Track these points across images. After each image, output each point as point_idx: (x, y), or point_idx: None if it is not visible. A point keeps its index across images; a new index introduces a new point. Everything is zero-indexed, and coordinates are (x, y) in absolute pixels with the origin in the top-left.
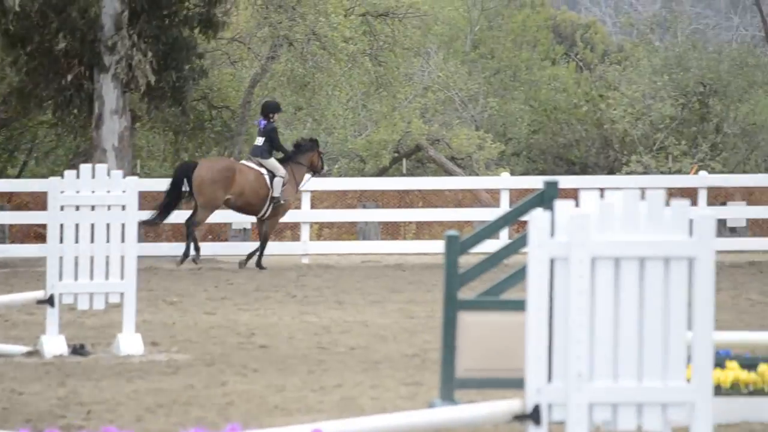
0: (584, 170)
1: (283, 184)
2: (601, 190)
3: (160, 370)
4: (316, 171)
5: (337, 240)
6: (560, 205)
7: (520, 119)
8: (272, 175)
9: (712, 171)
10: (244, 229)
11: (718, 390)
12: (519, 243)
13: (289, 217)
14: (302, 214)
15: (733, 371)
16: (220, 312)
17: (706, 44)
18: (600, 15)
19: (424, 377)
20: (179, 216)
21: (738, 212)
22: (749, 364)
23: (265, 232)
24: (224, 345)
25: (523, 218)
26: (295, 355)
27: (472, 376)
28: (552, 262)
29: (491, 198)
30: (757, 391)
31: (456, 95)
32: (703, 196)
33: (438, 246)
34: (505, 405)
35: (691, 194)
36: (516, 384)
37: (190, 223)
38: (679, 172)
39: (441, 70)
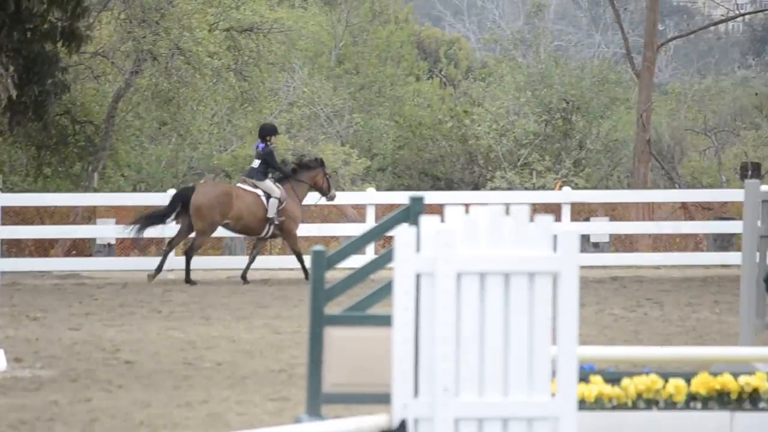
0: (449, 186)
1: (280, 204)
2: (467, 205)
3: (23, 387)
4: (322, 193)
5: (202, 255)
6: (426, 220)
7: (386, 135)
8: (269, 196)
9: (576, 187)
10: (109, 244)
11: (583, 404)
12: (385, 258)
13: (155, 232)
14: (167, 229)
15: (597, 386)
16: (84, 328)
17: (568, 61)
18: (464, 31)
19: (291, 392)
20: (40, 231)
21: (601, 228)
22: (613, 378)
23: (294, 252)
24: (89, 361)
25: (389, 234)
26: (160, 370)
27: (339, 391)
28: (418, 277)
29: (357, 213)
30: (621, 406)
31: (321, 111)
32: (566, 212)
33: (305, 261)
34: (372, 420)
35: (554, 210)
36: (383, 399)
37: (190, 250)
38: (543, 187)
39: (306, 85)
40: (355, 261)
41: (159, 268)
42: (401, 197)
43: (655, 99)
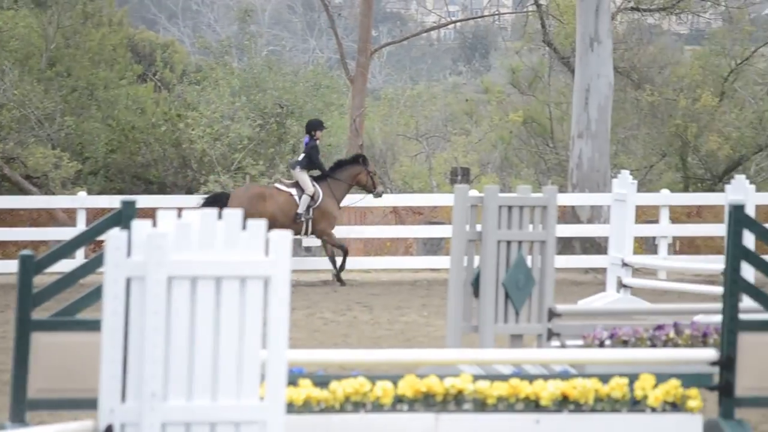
0: (162, 190)
1: (313, 201)
2: (179, 209)
3: None
4: (368, 190)
5: None
6: (138, 224)
7: (98, 138)
8: (302, 192)
9: None
10: None
11: (291, 408)
12: (96, 263)
13: None
14: None
15: (306, 389)
16: None
17: (283, 66)
18: (178, 35)
19: None
20: None
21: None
22: (321, 381)
23: (332, 250)
24: None
25: (101, 238)
26: None
27: (45, 397)
28: (128, 281)
29: (68, 217)
30: (329, 409)
31: (32, 113)
32: None
33: (12, 266)
34: (77, 426)
35: None
36: (90, 404)
37: None
38: None
39: (16, 87)
40: (65, 265)
41: None
42: (113, 201)
43: (368, 104)
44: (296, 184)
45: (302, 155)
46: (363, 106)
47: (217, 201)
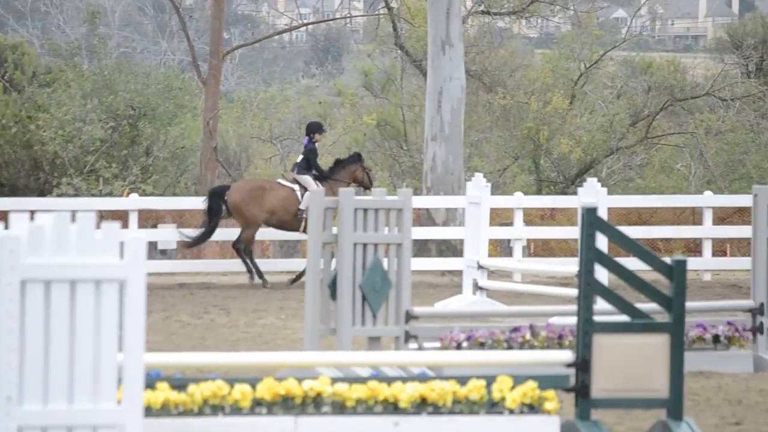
0: (14, 192)
1: None
2: (32, 212)
3: None
4: (364, 187)
5: None
6: None
7: None
8: (304, 190)
9: (143, 193)
10: None
11: (149, 411)
12: None
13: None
14: None
15: (164, 392)
16: None
17: (134, 68)
18: (28, 36)
19: None
20: None
21: (169, 234)
22: (179, 384)
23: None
24: None
25: None
26: None
27: None
28: None
29: None
30: (187, 412)
31: None
32: (134, 219)
33: None
34: None
35: (122, 217)
36: None
37: (238, 245)
38: (110, 194)
39: None
40: None
41: (252, 270)
42: None
43: (221, 106)
44: (298, 181)
45: (300, 157)
46: (216, 108)
47: (217, 194)
